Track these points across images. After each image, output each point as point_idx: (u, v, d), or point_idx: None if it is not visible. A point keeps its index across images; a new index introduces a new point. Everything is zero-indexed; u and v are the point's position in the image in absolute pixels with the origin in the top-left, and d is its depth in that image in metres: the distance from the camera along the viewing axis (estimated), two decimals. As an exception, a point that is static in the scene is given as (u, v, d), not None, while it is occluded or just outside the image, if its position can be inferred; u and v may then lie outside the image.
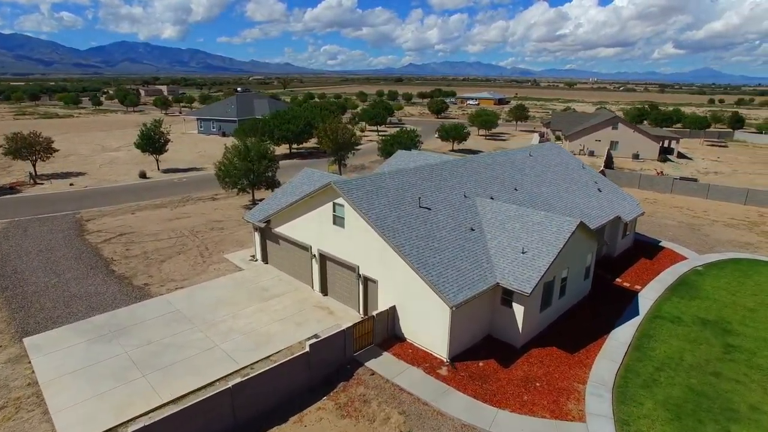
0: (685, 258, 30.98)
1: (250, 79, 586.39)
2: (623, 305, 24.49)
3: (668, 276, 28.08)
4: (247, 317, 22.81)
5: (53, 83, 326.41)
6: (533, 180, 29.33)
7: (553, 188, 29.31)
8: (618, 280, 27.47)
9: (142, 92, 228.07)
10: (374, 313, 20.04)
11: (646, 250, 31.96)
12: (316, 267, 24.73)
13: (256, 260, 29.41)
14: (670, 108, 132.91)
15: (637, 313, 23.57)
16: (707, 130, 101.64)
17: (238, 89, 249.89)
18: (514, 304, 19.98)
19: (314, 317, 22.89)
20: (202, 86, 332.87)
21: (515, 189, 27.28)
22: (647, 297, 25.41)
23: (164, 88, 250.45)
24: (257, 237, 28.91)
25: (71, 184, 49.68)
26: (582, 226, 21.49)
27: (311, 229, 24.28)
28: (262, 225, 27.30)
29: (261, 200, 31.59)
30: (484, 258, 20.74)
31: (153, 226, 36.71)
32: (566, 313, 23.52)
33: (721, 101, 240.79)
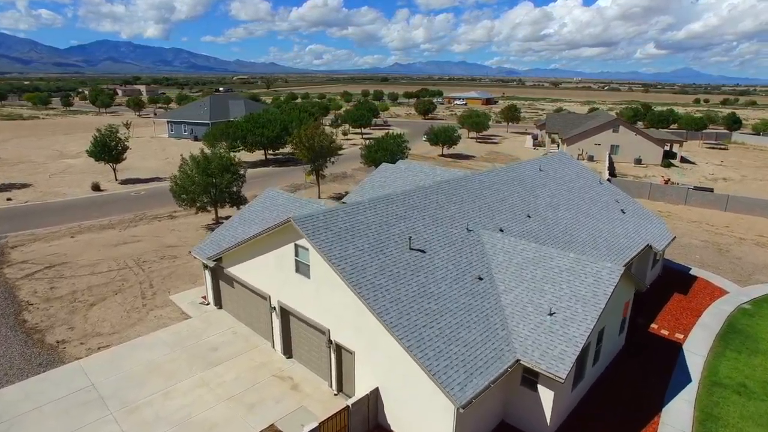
0: (725, 291, 26.03)
1: (234, 78, 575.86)
2: (668, 365, 19.33)
3: (712, 319, 23.07)
4: (184, 395, 17.18)
5: (28, 82, 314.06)
6: (547, 202, 24.08)
7: (571, 212, 24.08)
8: (654, 326, 22.35)
9: (120, 92, 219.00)
10: (349, 402, 14.55)
11: (678, 282, 26.95)
12: (276, 322, 19.14)
13: (208, 303, 23.76)
14: (661, 108, 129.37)
15: (688, 379, 18.43)
16: (704, 131, 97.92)
17: (220, 89, 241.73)
18: (541, 387, 14.67)
19: (272, 394, 17.31)
20: (184, 86, 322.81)
21: (528, 216, 22.01)
22: (695, 351, 20.32)
23: (143, 88, 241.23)
24: (208, 276, 23.23)
25: (8, 199, 43.19)
26: (626, 274, 16.26)
27: (270, 274, 18.69)
28: (212, 264, 21.65)
29: (227, 218, 25.95)
30: (498, 321, 15.39)
31: (92, 254, 30.77)
32: (599, 380, 18.31)
33: (706, 101, 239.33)
